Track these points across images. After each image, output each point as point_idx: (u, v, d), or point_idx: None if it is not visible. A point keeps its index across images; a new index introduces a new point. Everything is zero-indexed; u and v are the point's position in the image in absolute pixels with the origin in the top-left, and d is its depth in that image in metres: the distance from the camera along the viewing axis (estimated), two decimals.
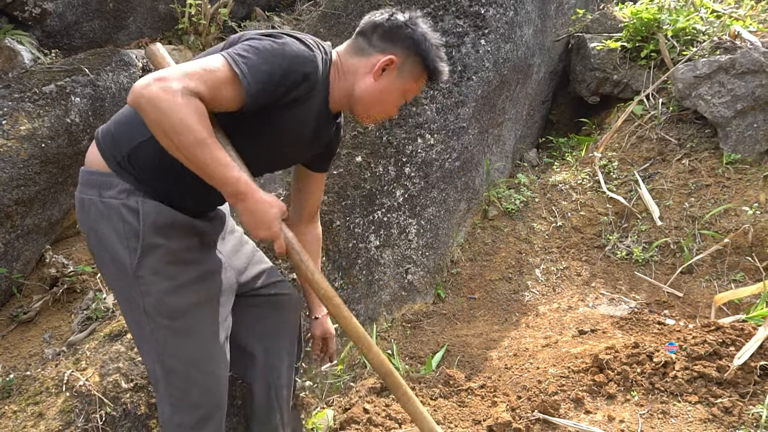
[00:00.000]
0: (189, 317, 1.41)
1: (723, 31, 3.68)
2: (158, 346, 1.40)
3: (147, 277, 1.35)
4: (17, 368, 2.12)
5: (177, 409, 1.44)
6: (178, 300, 1.38)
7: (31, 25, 2.56)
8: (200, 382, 1.44)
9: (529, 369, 2.36)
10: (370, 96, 1.46)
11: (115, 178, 1.35)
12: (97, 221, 1.36)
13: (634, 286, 3.00)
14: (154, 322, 1.38)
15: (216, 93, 1.22)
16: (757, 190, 3.06)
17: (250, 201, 1.30)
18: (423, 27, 1.46)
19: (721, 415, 1.78)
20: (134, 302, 1.39)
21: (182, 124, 1.16)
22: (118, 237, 1.34)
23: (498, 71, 3.45)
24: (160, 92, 1.14)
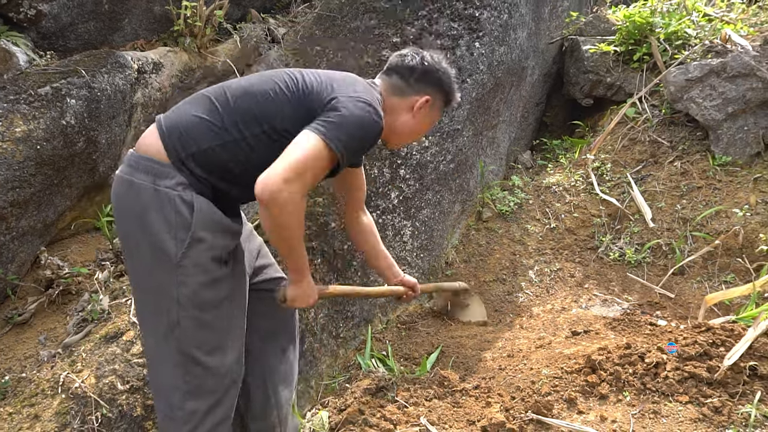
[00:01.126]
0: (217, 310, 1.50)
1: (714, 34, 3.72)
2: (182, 335, 1.46)
3: (188, 268, 1.44)
4: (12, 370, 2.12)
5: (192, 396, 1.49)
6: (210, 293, 1.48)
7: (26, 27, 2.56)
8: (218, 370, 1.51)
9: (523, 370, 2.38)
10: (410, 130, 1.76)
11: (173, 170, 1.45)
12: (146, 206, 1.44)
13: (627, 288, 3.03)
14: (185, 311, 1.45)
15: (321, 176, 1.50)
16: (747, 192, 3.09)
17: (307, 281, 1.65)
18: (447, 67, 1.76)
19: (711, 415, 1.81)
20: (166, 291, 1.45)
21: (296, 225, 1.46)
22: (167, 225, 1.43)
23: (492, 74, 3.48)
24: (289, 199, 1.38)
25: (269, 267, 1.86)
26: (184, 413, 1.48)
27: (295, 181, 1.37)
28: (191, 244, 1.43)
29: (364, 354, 2.56)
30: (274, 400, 1.83)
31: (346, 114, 1.47)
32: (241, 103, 1.51)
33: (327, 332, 2.55)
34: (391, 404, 2.16)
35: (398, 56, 1.75)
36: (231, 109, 1.50)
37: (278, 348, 1.83)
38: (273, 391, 1.83)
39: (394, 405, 2.16)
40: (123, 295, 2.35)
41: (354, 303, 2.70)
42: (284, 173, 1.36)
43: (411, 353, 2.70)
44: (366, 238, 2.07)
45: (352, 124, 1.48)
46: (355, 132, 1.48)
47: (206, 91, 1.58)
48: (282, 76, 1.58)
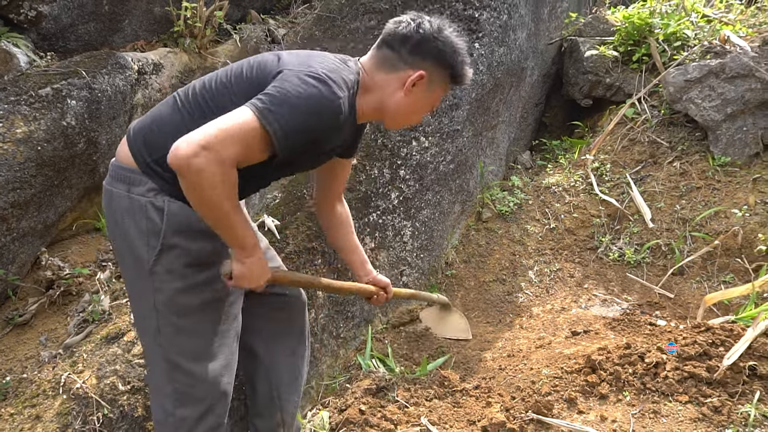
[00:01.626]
0: (197, 316, 1.46)
1: (713, 35, 3.73)
2: (165, 342, 1.45)
3: (161, 275, 1.41)
4: (13, 371, 2.12)
5: (181, 403, 1.48)
6: (188, 299, 1.44)
7: (26, 28, 2.56)
8: (204, 377, 1.48)
9: (523, 370, 2.38)
10: (402, 110, 1.51)
11: (143, 176, 1.41)
12: (122, 215, 1.43)
13: (626, 288, 3.04)
14: (164, 318, 1.43)
15: (249, 153, 1.30)
16: (746, 192, 3.10)
17: (256, 259, 1.42)
18: (450, 36, 1.47)
19: (710, 415, 1.82)
20: (146, 297, 1.44)
21: (221, 197, 1.27)
22: (139, 233, 1.40)
23: (492, 74, 3.48)
24: (208, 165, 1.22)
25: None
26: (175, 419, 1.47)
27: (213, 148, 1.22)
28: (162, 250, 1.39)
29: (365, 354, 2.57)
30: (279, 401, 1.83)
31: (288, 88, 1.29)
32: (199, 98, 1.43)
33: (327, 332, 2.55)
34: (392, 404, 2.17)
35: (393, 23, 1.48)
36: (191, 106, 1.42)
37: (285, 349, 1.82)
38: (277, 392, 1.82)
39: (394, 405, 2.16)
40: (123, 296, 2.35)
41: (354, 303, 2.71)
42: (202, 138, 1.22)
43: (411, 353, 2.70)
44: (338, 230, 1.90)
45: (292, 99, 1.28)
46: (295, 109, 1.28)
47: (177, 92, 1.51)
48: (241, 63, 1.46)
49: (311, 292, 2.44)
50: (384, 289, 2.00)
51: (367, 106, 1.50)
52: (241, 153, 1.27)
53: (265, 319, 1.76)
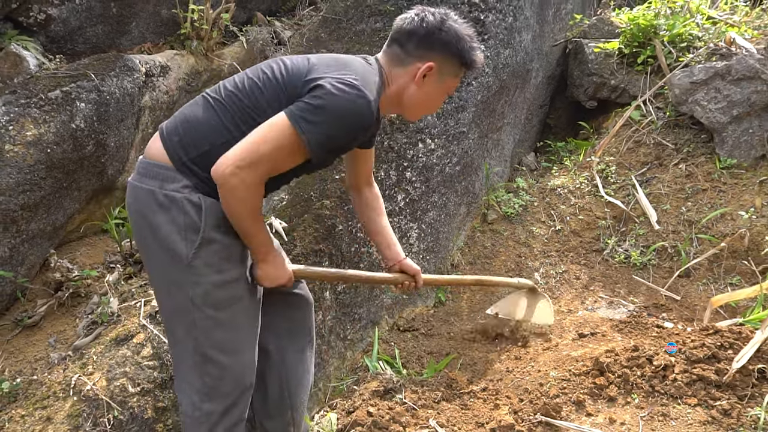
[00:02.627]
0: (232, 310, 1.50)
1: (719, 37, 3.73)
2: (200, 335, 1.48)
3: (200, 268, 1.44)
4: (23, 372, 2.13)
5: (208, 397, 1.50)
6: (224, 293, 1.48)
7: (35, 31, 2.57)
8: (234, 371, 1.52)
9: (531, 372, 2.39)
10: (418, 102, 1.58)
11: (178, 174, 1.46)
12: (154, 210, 1.46)
13: (633, 290, 3.04)
14: (200, 312, 1.46)
15: (283, 165, 1.42)
16: (752, 194, 3.10)
17: (274, 260, 1.55)
18: (454, 26, 1.51)
19: (720, 418, 1.82)
20: (182, 291, 1.47)
21: (249, 211, 1.42)
22: (176, 228, 1.44)
23: (497, 76, 3.49)
24: (240, 185, 1.35)
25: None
26: (202, 413, 1.50)
27: (248, 168, 1.34)
28: (201, 244, 1.44)
29: (372, 356, 2.57)
30: (290, 400, 1.83)
31: (322, 96, 1.37)
32: (234, 99, 1.48)
33: (335, 334, 2.56)
34: (400, 406, 2.18)
35: (400, 19, 1.55)
36: (225, 108, 1.48)
37: (296, 348, 1.83)
38: (289, 392, 1.83)
39: (402, 407, 2.17)
40: (132, 298, 2.36)
41: (361, 305, 2.71)
42: (239, 157, 1.33)
43: (418, 355, 2.71)
44: (365, 212, 1.92)
45: (328, 108, 1.37)
46: (331, 118, 1.37)
47: (206, 92, 1.56)
48: (270, 63, 1.52)
49: (318, 294, 2.44)
50: (413, 277, 1.93)
51: (388, 101, 1.57)
52: (274, 167, 1.39)
53: (276, 317, 1.77)
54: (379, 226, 1.92)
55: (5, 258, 2.27)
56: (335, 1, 3.71)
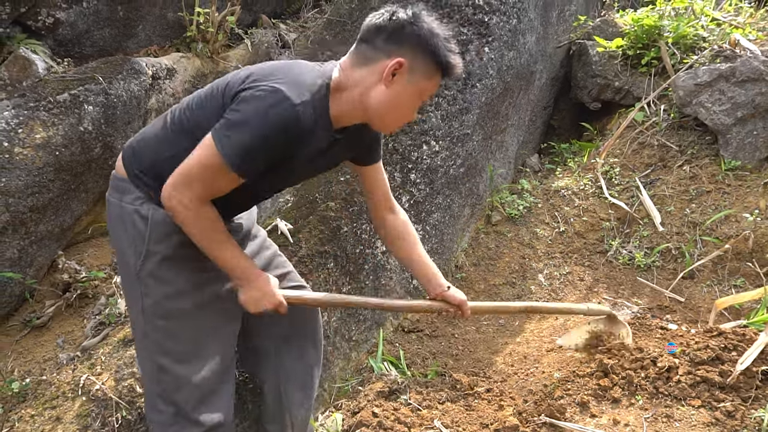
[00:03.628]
0: (184, 319, 1.50)
1: (723, 39, 3.73)
2: (151, 345, 1.50)
3: (146, 280, 1.46)
4: (32, 373, 2.15)
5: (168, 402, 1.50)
6: (175, 304, 1.48)
7: (44, 35, 2.60)
8: (191, 381, 1.50)
9: (535, 373, 2.40)
10: (386, 105, 1.40)
11: (132, 185, 1.48)
12: (115, 223, 1.51)
13: (636, 291, 3.05)
14: (150, 323, 1.48)
15: (217, 186, 1.38)
16: (757, 196, 3.10)
17: (254, 283, 1.49)
18: (428, 21, 1.36)
19: (723, 419, 1.83)
20: (135, 301, 1.50)
21: (201, 234, 1.41)
22: (128, 240, 1.47)
23: (501, 78, 3.50)
24: (179, 207, 1.36)
25: (286, 275, 1.80)
26: (165, 416, 1.50)
27: (182, 189, 1.34)
28: (147, 256, 1.45)
29: (377, 357, 2.58)
30: (287, 402, 1.84)
31: (241, 108, 1.30)
32: (182, 116, 1.47)
33: (340, 335, 2.57)
34: (405, 407, 2.19)
35: (370, 17, 1.41)
36: (174, 123, 1.48)
37: (294, 351, 1.83)
38: (285, 394, 1.83)
39: (407, 408, 2.18)
40: None
41: None
42: (174, 179, 1.35)
43: (423, 356, 2.72)
44: (395, 243, 1.76)
45: (243, 118, 1.29)
46: (245, 129, 1.28)
47: (171, 108, 1.57)
48: (221, 78, 1.46)
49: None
50: (459, 306, 1.75)
51: (344, 106, 1.41)
52: (206, 189, 1.36)
53: (275, 324, 1.76)
54: (413, 256, 1.75)
55: (14, 259, 2.29)
56: (340, 4, 3.73)
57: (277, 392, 1.83)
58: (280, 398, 1.83)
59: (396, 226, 1.75)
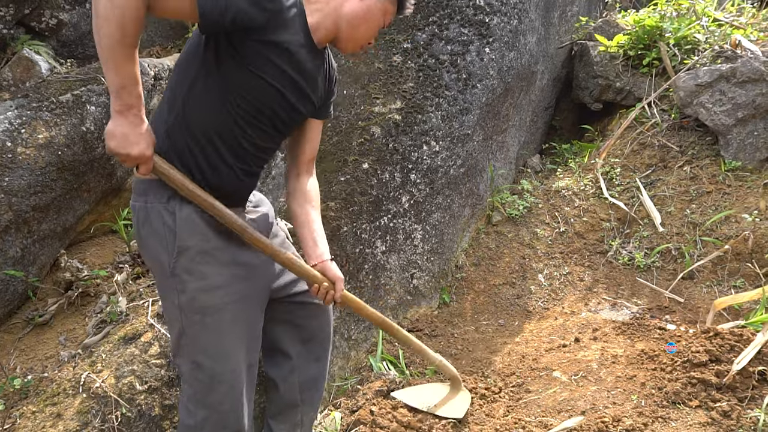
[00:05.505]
0: (220, 314, 1.50)
1: (724, 40, 3.73)
2: (189, 342, 1.50)
3: (182, 276, 1.46)
4: (34, 370, 2.18)
5: (201, 405, 1.51)
6: (210, 298, 1.48)
7: (47, 36, 2.63)
8: (224, 378, 1.51)
9: (533, 373, 2.41)
10: (359, 17, 1.50)
11: (156, 183, 1.46)
12: (142, 226, 1.49)
13: (636, 292, 3.05)
14: (187, 318, 1.48)
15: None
16: (757, 197, 3.10)
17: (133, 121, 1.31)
18: None
19: (720, 419, 1.83)
20: (171, 299, 1.49)
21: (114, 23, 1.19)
22: (158, 239, 1.46)
23: (502, 79, 3.51)
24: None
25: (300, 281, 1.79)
26: (196, 421, 1.51)
27: None
28: (180, 252, 1.45)
29: (376, 356, 2.60)
30: (301, 402, 1.86)
31: None
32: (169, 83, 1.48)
33: (339, 334, 2.59)
34: (402, 406, 2.20)
35: None
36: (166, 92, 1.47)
37: (313, 356, 1.85)
38: (301, 394, 1.85)
39: (405, 407, 2.19)
40: (140, 297, 2.41)
41: None
42: None
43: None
44: (300, 198, 1.73)
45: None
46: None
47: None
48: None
49: None
50: (332, 282, 1.69)
51: (318, 16, 1.48)
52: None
53: (294, 326, 1.79)
54: (310, 217, 1.73)
55: (17, 258, 2.32)
56: None
57: (293, 393, 1.84)
58: (296, 399, 1.85)
59: (312, 188, 1.76)
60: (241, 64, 1.38)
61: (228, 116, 1.43)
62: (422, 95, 3.13)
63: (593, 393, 2.13)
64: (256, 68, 1.39)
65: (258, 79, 1.41)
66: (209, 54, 1.38)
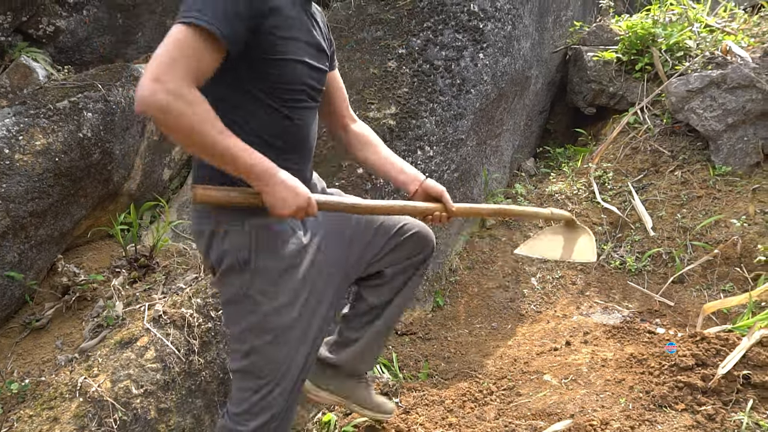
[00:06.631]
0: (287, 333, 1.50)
1: (715, 46, 3.77)
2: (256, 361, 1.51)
3: (255, 297, 1.46)
4: (31, 374, 2.20)
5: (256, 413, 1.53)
6: (280, 318, 1.48)
7: (45, 42, 2.66)
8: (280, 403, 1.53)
9: (525, 376, 2.44)
10: None
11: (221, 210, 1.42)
12: (212, 246, 1.46)
13: (627, 295, 3.09)
14: (258, 339, 1.49)
15: (201, 62, 1.22)
16: (746, 202, 3.14)
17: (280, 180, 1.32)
18: None
19: (704, 422, 1.87)
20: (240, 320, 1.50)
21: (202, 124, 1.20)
22: (231, 260, 1.44)
23: (496, 84, 3.54)
24: (166, 98, 1.16)
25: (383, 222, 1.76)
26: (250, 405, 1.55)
27: (165, 75, 1.16)
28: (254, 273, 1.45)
29: None
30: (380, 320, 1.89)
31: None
32: None
33: None
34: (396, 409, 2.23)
35: None
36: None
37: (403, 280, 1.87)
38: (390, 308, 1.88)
39: (399, 410, 2.23)
40: (137, 302, 2.44)
41: None
42: (150, 74, 1.16)
43: (415, 359, 2.77)
44: (362, 146, 1.70)
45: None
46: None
47: None
48: None
49: None
50: (440, 199, 1.63)
51: None
52: (192, 68, 1.20)
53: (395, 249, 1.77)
54: (381, 154, 1.70)
55: (14, 263, 2.34)
56: (337, 10, 3.78)
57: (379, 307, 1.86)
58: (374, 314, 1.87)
59: (363, 131, 1.73)
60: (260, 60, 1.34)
61: (273, 113, 1.41)
62: (417, 100, 3.16)
63: (582, 396, 2.17)
64: (273, 53, 1.35)
65: (281, 62, 1.37)
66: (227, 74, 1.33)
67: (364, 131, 1.73)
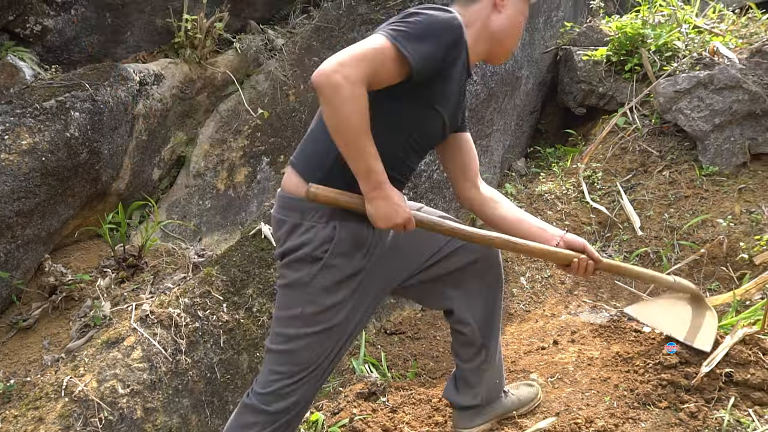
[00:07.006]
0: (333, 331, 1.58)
1: (703, 47, 3.80)
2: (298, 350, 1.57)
3: (317, 290, 1.53)
4: (17, 374, 2.20)
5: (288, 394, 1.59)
6: (331, 316, 1.56)
7: (32, 42, 2.65)
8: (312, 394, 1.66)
9: (512, 375, 2.45)
10: (507, 28, 1.58)
11: (314, 204, 1.49)
12: (290, 236, 1.54)
13: (615, 294, 3.11)
14: (305, 328, 1.56)
15: (382, 74, 1.36)
16: (732, 202, 3.17)
17: (389, 194, 1.43)
18: None
19: (687, 420, 1.88)
20: (294, 307, 1.56)
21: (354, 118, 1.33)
22: (305, 250, 1.51)
23: (485, 84, 3.56)
24: (343, 82, 1.29)
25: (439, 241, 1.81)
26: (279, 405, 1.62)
27: (351, 65, 1.30)
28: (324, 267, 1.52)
29: (358, 359, 2.64)
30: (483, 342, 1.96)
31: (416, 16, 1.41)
32: None
33: None
34: (383, 408, 2.24)
35: None
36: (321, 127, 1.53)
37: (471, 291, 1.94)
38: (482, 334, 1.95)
39: (385, 409, 2.24)
40: (124, 302, 2.43)
41: None
42: (340, 57, 1.31)
43: (404, 358, 2.77)
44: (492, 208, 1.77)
45: (420, 23, 1.40)
46: (422, 28, 1.39)
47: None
48: None
49: None
50: (584, 252, 1.68)
51: (477, 39, 1.57)
52: (371, 73, 1.34)
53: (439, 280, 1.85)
54: (516, 213, 1.78)
55: (1, 262, 2.34)
56: (327, 10, 3.78)
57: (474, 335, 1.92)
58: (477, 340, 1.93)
59: (493, 192, 1.82)
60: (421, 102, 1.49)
61: (398, 146, 1.52)
62: None
63: (568, 395, 2.18)
64: (436, 103, 1.51)
65: (434, 113, 1.53)
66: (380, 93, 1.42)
67: (493, 193, 1.82)
